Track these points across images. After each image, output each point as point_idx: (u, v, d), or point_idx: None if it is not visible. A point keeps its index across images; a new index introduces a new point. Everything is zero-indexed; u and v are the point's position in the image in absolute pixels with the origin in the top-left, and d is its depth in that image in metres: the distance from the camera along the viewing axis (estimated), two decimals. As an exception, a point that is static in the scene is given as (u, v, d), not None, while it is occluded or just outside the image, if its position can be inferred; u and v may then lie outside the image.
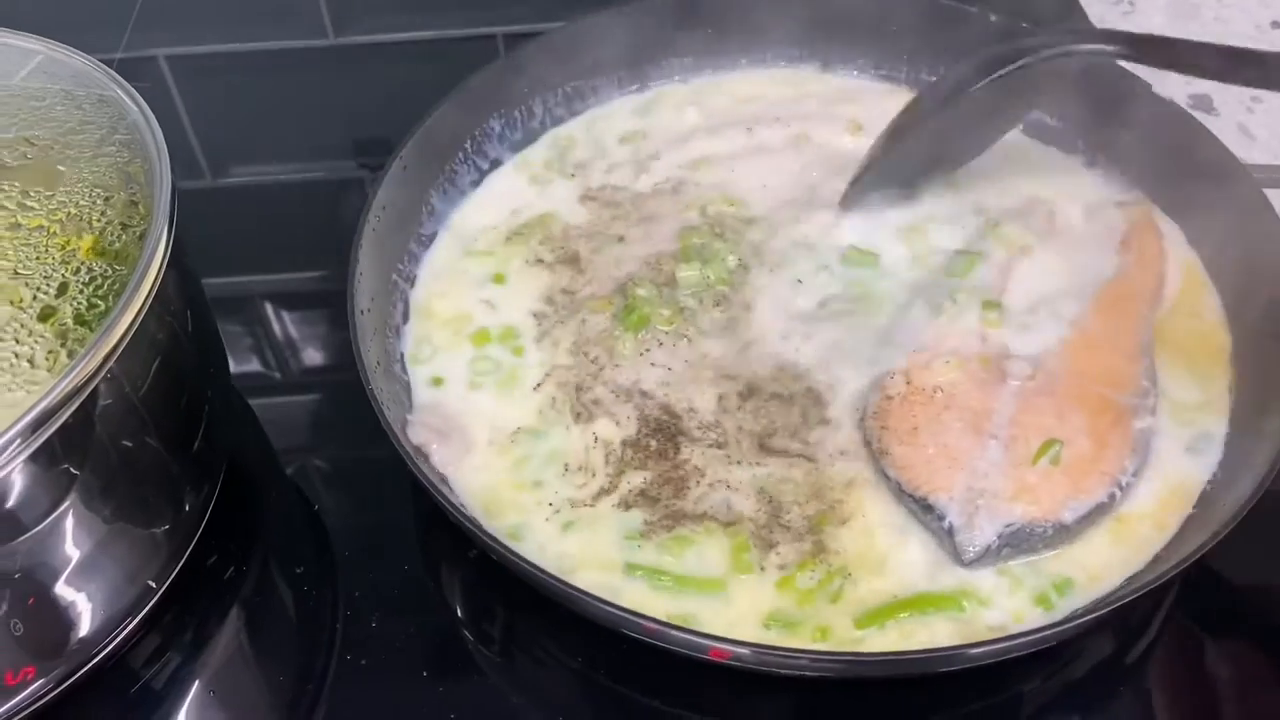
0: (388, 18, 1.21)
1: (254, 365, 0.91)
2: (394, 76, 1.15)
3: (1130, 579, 0.68)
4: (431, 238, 0.88)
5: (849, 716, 0.69)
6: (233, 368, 0.89)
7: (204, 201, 1.06)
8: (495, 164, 0.93)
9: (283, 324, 0.95)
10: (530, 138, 0.95)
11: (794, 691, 0.71)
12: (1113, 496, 0.69)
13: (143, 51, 1.19)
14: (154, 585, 0.69)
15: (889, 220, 0.86)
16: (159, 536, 0.69)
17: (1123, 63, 0.80)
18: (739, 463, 0.73)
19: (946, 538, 0.68)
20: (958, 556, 0.68)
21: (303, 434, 0.87)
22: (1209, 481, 0.72)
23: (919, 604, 0.67)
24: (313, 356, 0.92)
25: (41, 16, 1.14)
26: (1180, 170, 0.83)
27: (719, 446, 0.74)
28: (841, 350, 0.78)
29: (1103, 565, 0.69)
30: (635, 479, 0.73)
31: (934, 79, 0.92)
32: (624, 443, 0.75)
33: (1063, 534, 0.68)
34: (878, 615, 0.67)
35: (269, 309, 0.96)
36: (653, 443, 0.75)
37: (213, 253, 0.96)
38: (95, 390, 0.58)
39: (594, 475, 0.73)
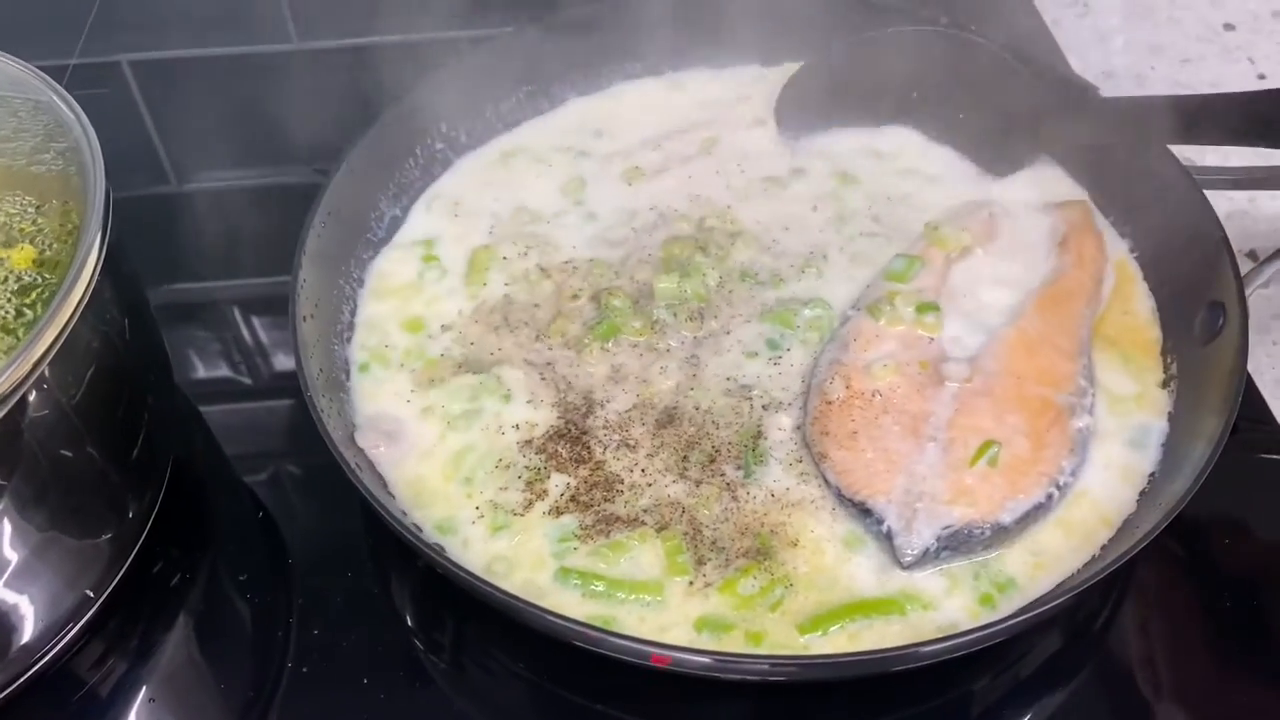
0: (352, 23, 1.20)
1: (209, 371, 0.91)
2: (359, 81, 1.15)
3: (1067, 579, 0.68)
4: (383, 242, 0.88)
5: (799, 720, 0.69)
6: (197, 374, 0.90)
7: (170, 207, 1.06)
8: (446, 167, 0.93)
9: (240, 329, 0.94)
10: (480, 141, 0.95)
11: (743, 696, 0.71)
12: (1050, 497, 0.69)
13: (106, 57, 1.18)
14: (93, 594, 0.68)
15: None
16: (100, 544, 0.69)
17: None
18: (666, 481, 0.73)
19: (885, 541, 0.68)
20: (897, 560, 0.68)
21: (254, 440, 0.86)
22: (1148, 478, 0.72)
23: (862, 609, 0.67)
24: (267, 362, 0.92)
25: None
26: (1123, 169, 0.83)
27: (629, 447, 0.74)
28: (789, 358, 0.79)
29: (1050, 560, 0.69)
30: (561, 481, 0.73)
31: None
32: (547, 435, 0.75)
33: (1001, 535, 0.68)
34: (821, 621, 0.66)
35: (230, 314, 0.95)
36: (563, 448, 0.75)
37: (175, 258, 0.97)
38: (23, 399, 0.57)
39: (519, 477, 0.73)
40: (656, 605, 0.67)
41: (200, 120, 1.13)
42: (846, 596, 0.67)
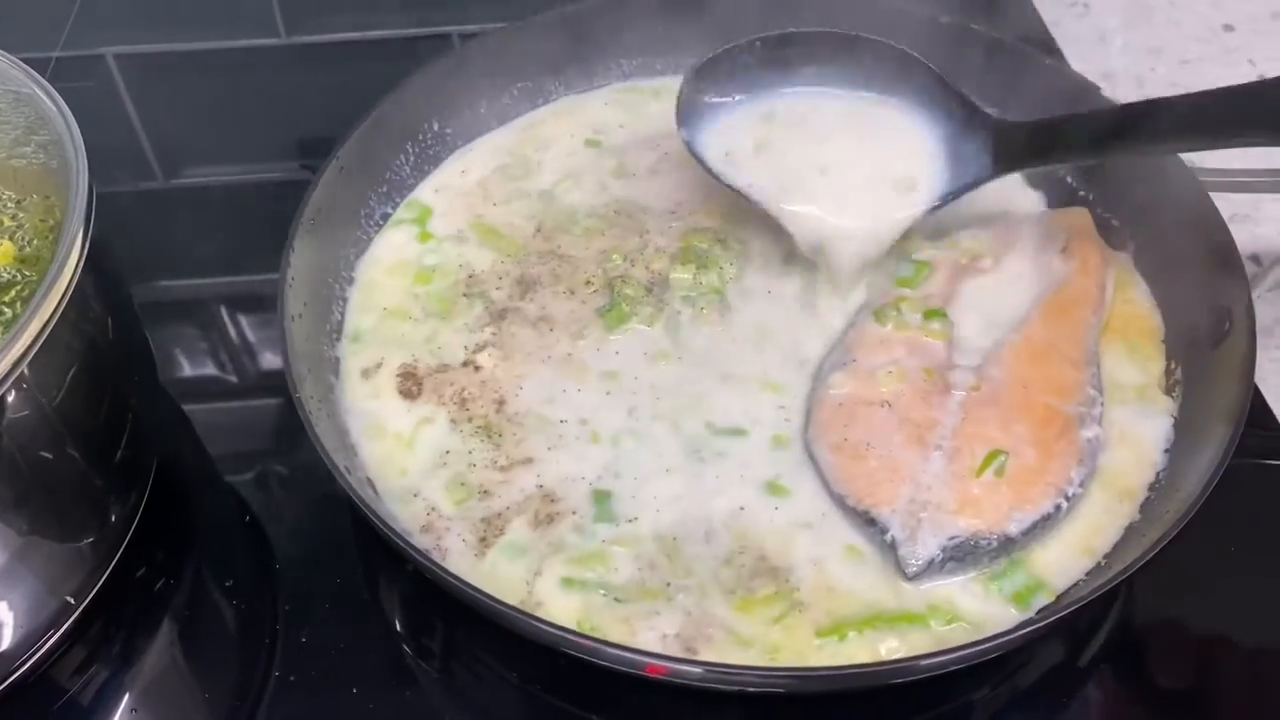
0: (340, 17, 1.19)
1: (192, 370, 0.89)
2: (347, 76, 1.14)
3: (1075, 585, 0.67)
4: (373, 240, 0.86)
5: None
6: (181, 372, 0.88)
7: (155, 203, 1.04)
8: (438, 164, 0.91)
9: (225, 328, 0.93)
10: (472, 137, 0.93)
11: (739, 706, 0.69)
12: (1059, 508, 0.68)
13: (90, 50, 1.16)
14: (73, 600, 0.67)
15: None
16: (82, 548, 0.67)
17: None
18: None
19: (889, 551, 0.67)
20: (901, 570, 0.66)
21: (239, 440, 0.85)
22: (1150, 487, 0.71)
23: (872, 622, 0.65)
24: (253, 361, 0.91)
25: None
26: (1125, 172, 0.82)
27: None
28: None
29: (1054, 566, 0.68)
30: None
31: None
32: None
33: (1008, 546, 0.67)
34: (832, 630, 0.65)
35: (216, 312, 0.94)
36: None
37: (160, 254, 0.96)
38: (2, 400, 0.56)
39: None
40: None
41: (186, 115, 1.11)
42: (860, 606, 0.66)
